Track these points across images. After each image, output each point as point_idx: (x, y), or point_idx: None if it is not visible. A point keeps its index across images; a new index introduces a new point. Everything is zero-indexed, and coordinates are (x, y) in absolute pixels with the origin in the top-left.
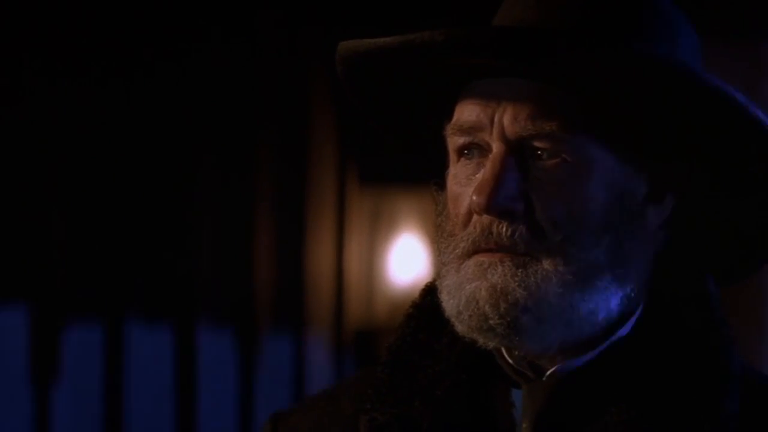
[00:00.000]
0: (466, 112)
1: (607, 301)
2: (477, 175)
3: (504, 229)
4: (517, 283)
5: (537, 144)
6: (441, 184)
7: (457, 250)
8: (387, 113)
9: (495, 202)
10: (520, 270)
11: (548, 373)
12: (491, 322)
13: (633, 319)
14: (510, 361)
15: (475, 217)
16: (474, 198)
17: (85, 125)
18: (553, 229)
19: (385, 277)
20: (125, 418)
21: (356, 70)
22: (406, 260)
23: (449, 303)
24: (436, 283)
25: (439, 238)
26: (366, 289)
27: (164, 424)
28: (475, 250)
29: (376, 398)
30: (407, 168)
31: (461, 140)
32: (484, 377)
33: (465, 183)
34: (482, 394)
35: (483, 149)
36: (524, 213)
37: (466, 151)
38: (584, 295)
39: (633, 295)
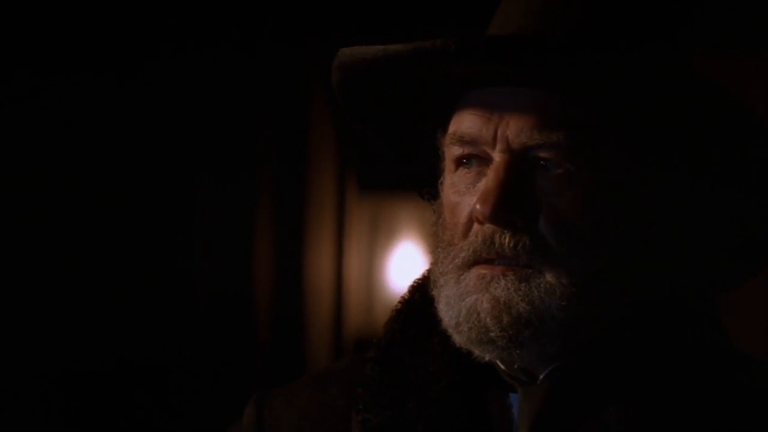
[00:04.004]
0: (466, 122)
1: (609, 309)
2: (478, 184)
3: (507, 239)
4: (520, 297)
5: (542, 154)
6: (432, 193)
7: (456, 260)
8: (378, 121)
9: (499, 212)
10: (523, 284)
11: (543, 375)
12: (492, 334)
13: (629, 321)
14: (502, 366)
15: (476, 226)
16: (478, 207)
17: (86, 132)
18: (557, 240)
19: (385, 284)
20: None
21: (356, 77)
22: (406, 267)
23: (448, 314)
24: (433, 292)
25: (436, 247)
26: (365, 297)
27: None
28: (475, 261)
29: (368, 398)
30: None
31: (460, 151)
32: (478, 379)
33: (464, 191)
34: (477, 396)
35: (483, 158)
36: (527, 223)
37: (465, 160)
38: (587, 306)
39: (633, 300)
